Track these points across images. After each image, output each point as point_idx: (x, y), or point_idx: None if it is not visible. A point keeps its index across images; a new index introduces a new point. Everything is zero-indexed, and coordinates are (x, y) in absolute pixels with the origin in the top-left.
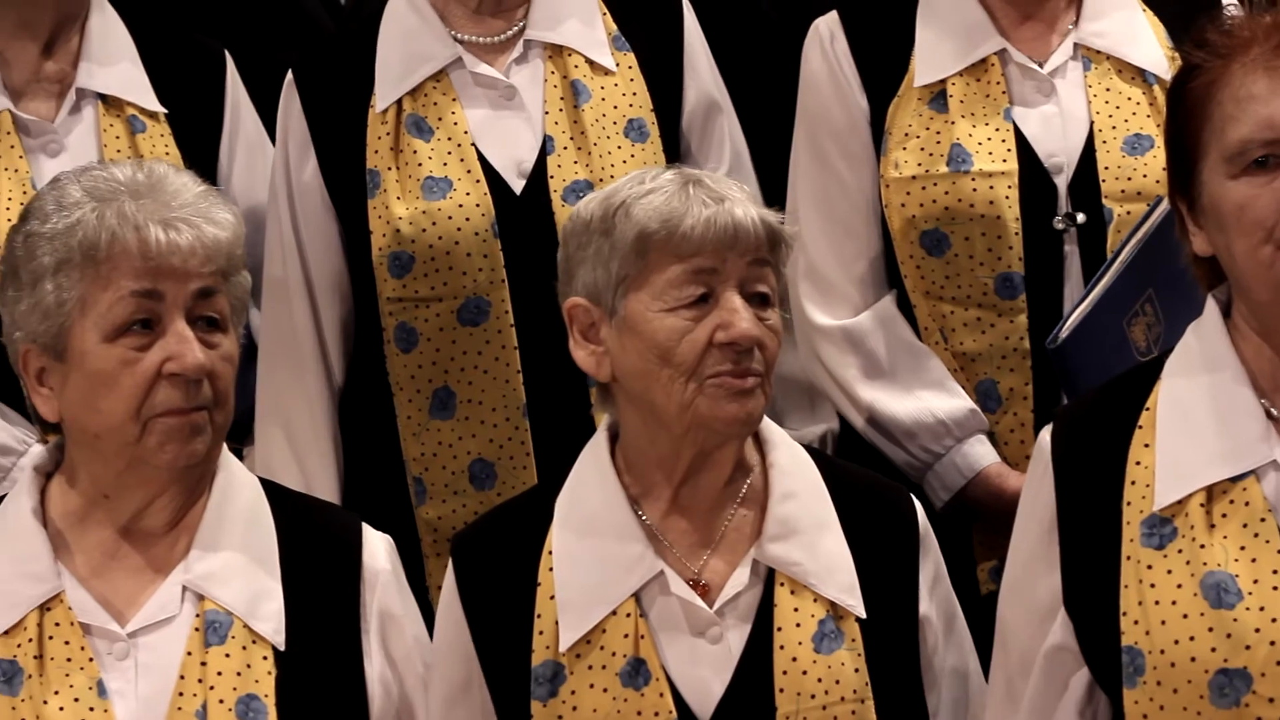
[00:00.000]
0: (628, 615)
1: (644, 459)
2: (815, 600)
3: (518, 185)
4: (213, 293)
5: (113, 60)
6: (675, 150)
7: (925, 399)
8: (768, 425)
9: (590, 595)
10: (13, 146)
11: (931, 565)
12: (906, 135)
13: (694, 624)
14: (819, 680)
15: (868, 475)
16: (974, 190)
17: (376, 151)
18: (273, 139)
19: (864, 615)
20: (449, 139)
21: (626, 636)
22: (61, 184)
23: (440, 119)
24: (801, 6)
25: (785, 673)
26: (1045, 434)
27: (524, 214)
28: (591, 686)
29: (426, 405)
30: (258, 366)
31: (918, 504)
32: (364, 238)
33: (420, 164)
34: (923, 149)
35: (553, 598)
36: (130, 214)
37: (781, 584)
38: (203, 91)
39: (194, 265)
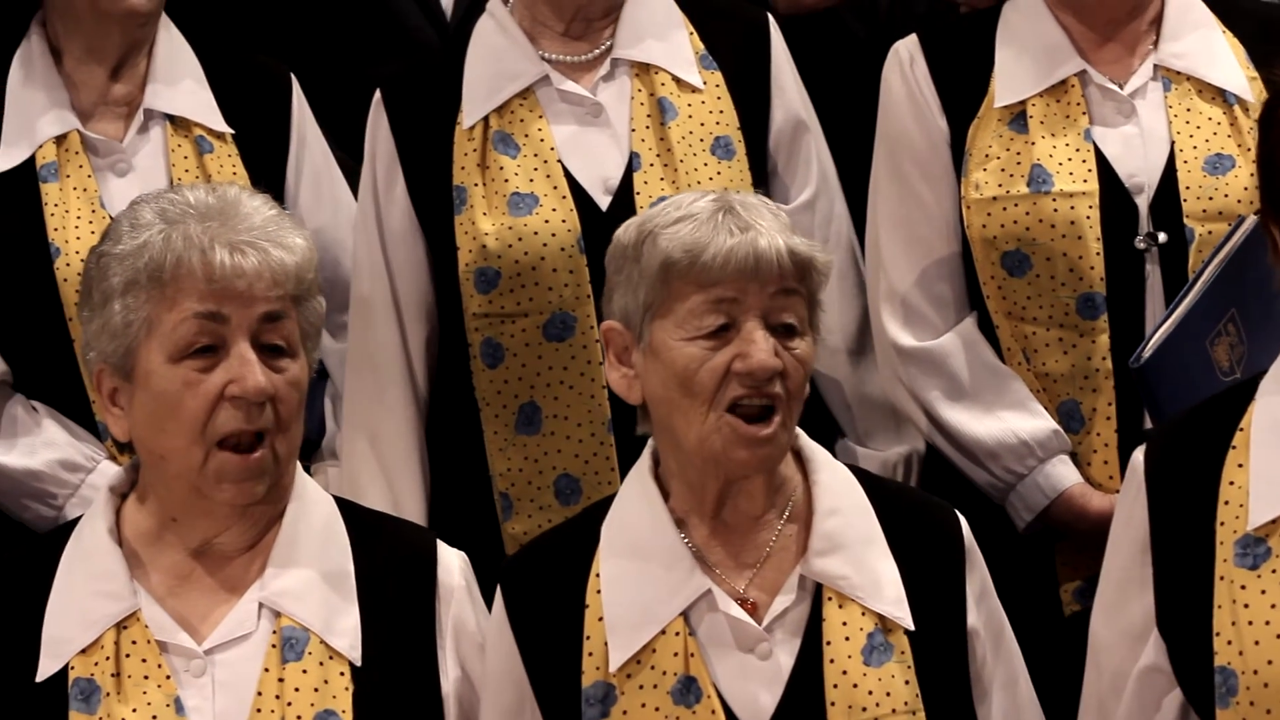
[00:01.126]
0: (676, 634)
1: (680, 481)
2: (864, 614)
3: (604, 201)
4: (280, 317)
5: (180, 82)
6: (762, 169)
7: (1008, 420)
8: (809, 445)
9: (639, 615)
10: (81, 166)
11: (978, 579)
12: (987, 156)
13: (743, 641)
14: (870, 693)
15: (912, 492)
16: (1055, 211)
17: (463, 168)
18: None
19: (912, 628)
20: (535, 155)
21: (676, 655)
22: (136, 207)
23: (527, 135)
24: (888, 24)
25: (836, 686)
26: (1138, 454)
27: (610, 230)
28: (643, 706)
29: (512, 421)
30: (345, 384)
31: (962, 519)
32: (451, 254)
33: (507, 180)
34: (1003, 170)
35: (601, 619)
36: (196, 236)
37: (829, 599)
38: (269, 113)
39: (260, 289)
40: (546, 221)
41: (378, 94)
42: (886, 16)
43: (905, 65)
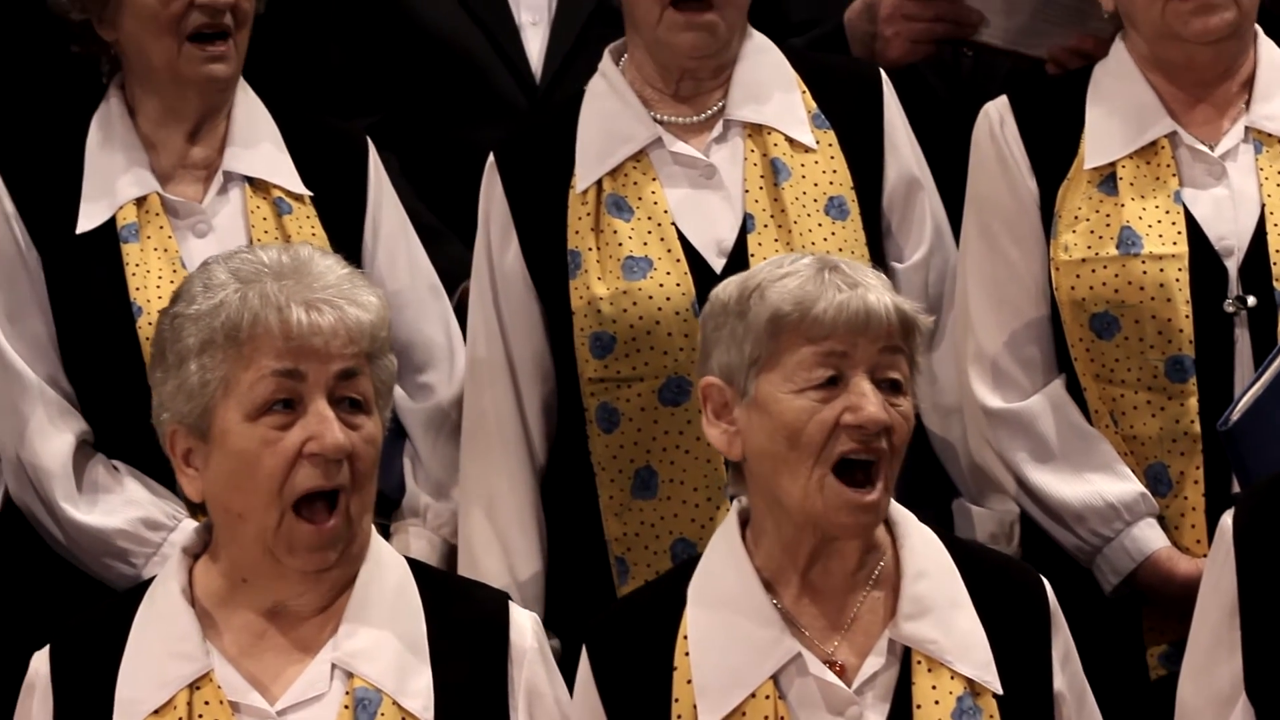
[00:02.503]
0: (766, 697)
1: (772, 542)
2: (953, 677)
3: (718, 264)
4: (355, 374)
5: (258, 145)
6: (876, 228)
7: (1094, 482)
8: (895, 507)
9: (728, 678)
10: (161, 227)
11: (1062, 642)
12: (1076, 218)
13: (833, 704)
14: None
15: (996, 555)
16: (1144, 273)
17: (577, 232)
18: (461, 219)
19: (1001, 691)
20: (649, 218)
21: (767, 718)
22: (209, 267)
23: (640, 198)
24: (970, 83)
25: None
26: (1227, 518)
27: None
28: None
29: (628, 485)
30: (461, 448)
31: (1046, 582)
32: (566, 318)
33: (620, 244)
34: (1092, 231)
35: (689, 681)
36: (272, 295)
37: (918, 662)
38: (346, 175)
39: (336, 346)
40: (661, 285)
41: (491, 157)
42: (968, 75)
43: (995, 126)
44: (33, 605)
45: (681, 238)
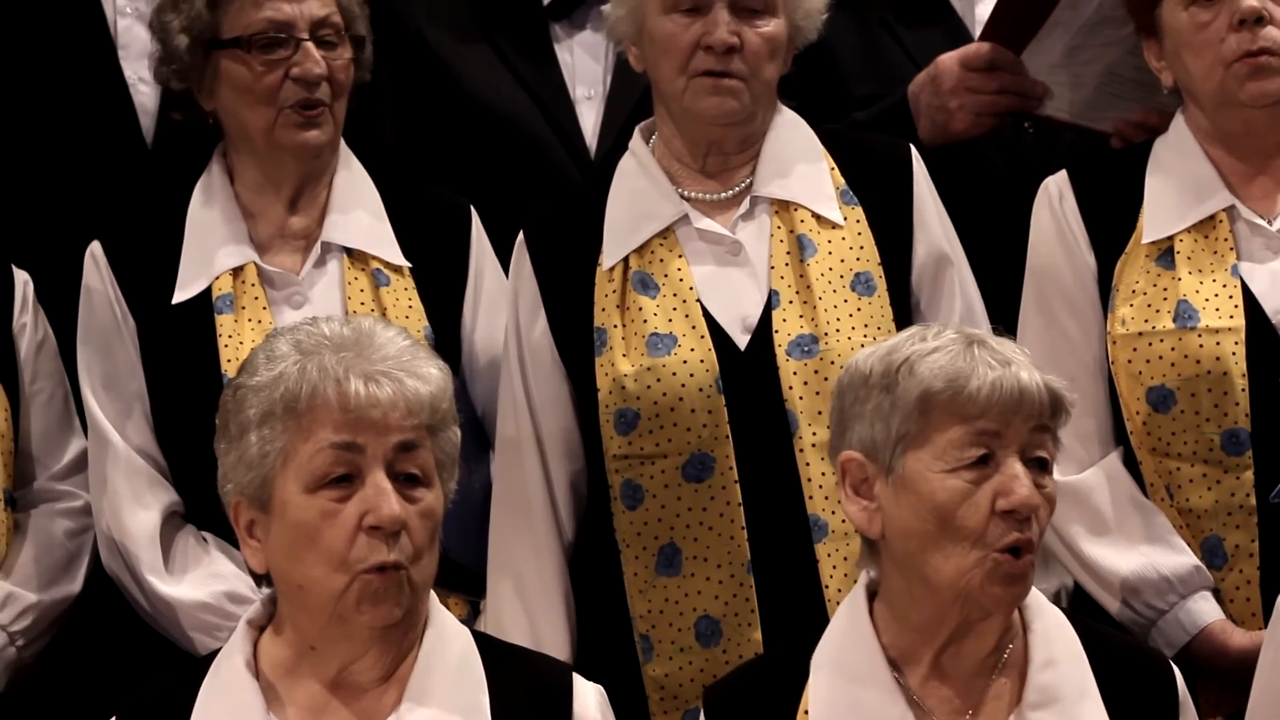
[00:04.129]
0: None
1: (905, 621)
2: None
3: (742, 340)
4: (415, 446)
5: (359, 215)
6: (904, 304)
7: (1149, 555)
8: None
9: None
10: (257, 298)
11: None
12: (1133, 291)
13: None
14: None
15: (1127, 641)
16: (1200, 347)
17: (603, 309)
18: None
19: None
20: (674, 295)
21: None
22: (273, 340)
23: (666, 275)
24: (1030, 157)
25: None
26: None
27: (748, 369)
28: None
29: (653, 562)
30: (490, 523)
31: (1176, 671)
32: (592, 395)
33: (645, 320)
34: (1149, 305)
35: None
36: (331, 367)
37: None
38: (447, 246)
39: (395, 419)
40: (685, 362)
41: (520, 235)
42: (1029, 150)
43: (1055, 201)
44: (122, 673)
45: (706, 314)
